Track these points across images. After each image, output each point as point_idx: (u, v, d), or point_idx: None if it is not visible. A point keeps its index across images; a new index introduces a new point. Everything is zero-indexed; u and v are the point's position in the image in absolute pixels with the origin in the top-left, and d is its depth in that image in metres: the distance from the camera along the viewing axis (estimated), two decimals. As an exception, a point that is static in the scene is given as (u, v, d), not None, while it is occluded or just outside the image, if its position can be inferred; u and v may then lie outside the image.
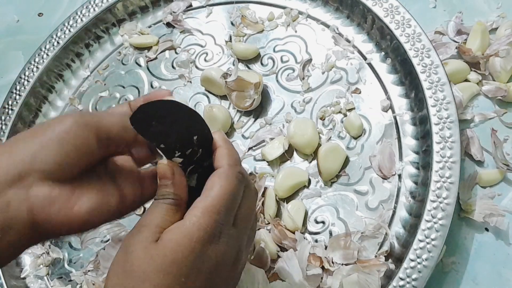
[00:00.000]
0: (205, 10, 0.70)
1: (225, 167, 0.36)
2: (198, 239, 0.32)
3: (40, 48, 0.70)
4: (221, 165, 0.36)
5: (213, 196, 0.34)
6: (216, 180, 0.35)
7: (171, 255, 0.32)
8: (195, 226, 0.33)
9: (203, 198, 0.34)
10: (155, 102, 0.35)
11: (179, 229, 0.33)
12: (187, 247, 0.32)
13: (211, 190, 0.34)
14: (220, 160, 0.36)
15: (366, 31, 0.61)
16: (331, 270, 0.51)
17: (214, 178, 0.35)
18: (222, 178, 0.35)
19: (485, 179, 0.53)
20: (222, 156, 0.37)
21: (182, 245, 0.32)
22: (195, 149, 0.37)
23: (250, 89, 0.59)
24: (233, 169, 0.36)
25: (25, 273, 0.61)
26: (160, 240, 0.33)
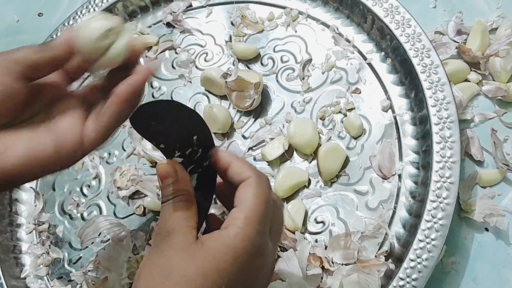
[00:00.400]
0: (205, 10, 0.70)
1: (254, 176, 0.35)
2: (243, 250, 0.32)
3: (40, 48, 0.70)
4: (248, 175, 0.35)
5: (252, 206, 0.34)
6: (250, 190, 0.35)
7: (213, 261, 0.32)
8: (239, 236, 0.32)
9: (241, 208, 0.34)
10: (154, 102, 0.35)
11: (222, 239, 0.33)
12: (231, 257, 0.32)
13: (247, 200, 0.34)
14: (244, 171, 0.36)
15: (366, 31, 0.61)
16: (331, 270, 0.51)
17: (248, 188, 0.35)
18: (256, 187, 0.35)
19: (485, 179, 0.53)
20: (243, 167, 0.36)
21: (226, 254, 0.32)
22: (195, 149, 0.37)
23: (250, 89, 0.59)
24: (262, 177, 0.36)
25: (25, 273, 0.61)
26: (201, 245, 0.32)
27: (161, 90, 0.67)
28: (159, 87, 0.67)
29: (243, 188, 0.35)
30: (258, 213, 0.34)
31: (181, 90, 0.66)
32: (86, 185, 0.64)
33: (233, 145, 0.61)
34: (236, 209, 0.34)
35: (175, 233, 0.33)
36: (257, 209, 0.34)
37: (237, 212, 0.34)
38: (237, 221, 0.33)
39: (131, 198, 0.61)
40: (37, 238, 0.63)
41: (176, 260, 0.32)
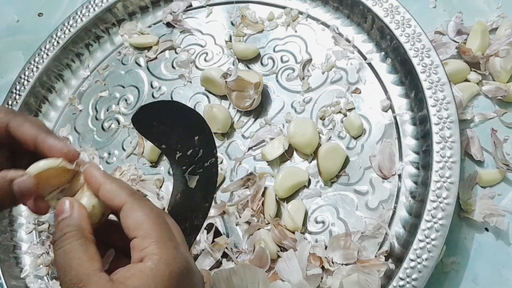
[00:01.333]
0: (205, 10, 0.70)
1: (129, 200, 0.32)
2: (169, 276, 0.30)
3: (40, 48, 0.70)
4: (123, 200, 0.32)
5: (153, 228, 0.31)
6: (137, 214, 0.32)
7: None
8: (161, 262, 0.30)
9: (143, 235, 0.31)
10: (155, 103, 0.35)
11: (142, 272, 0.30)
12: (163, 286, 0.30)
13: (143, 225, 0.31)
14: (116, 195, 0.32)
15: (366, 31, 0.61)
16: (331, 270, 0.51)
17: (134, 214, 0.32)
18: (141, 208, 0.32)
19: (485, 179, 0.53)
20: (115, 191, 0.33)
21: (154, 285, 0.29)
22: (196, 149, 0.37)
23: (250, 89, 0.59)
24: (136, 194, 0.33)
25: (25, 273, 0.61)
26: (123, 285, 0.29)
27: (161, 90, 0.67)
28: (159, 87, 0.67)
29: (128, 215, 0.32)
30: (163, 232, 0.31)
31: (181, 90, 0.66)
32: (86, 185, 0.64)
33: (233, 145, 0.61)
34: (139, 239, 0.31)
35: (85, 283, 0.29)
36: (159, 229, 0.31)
37: (142, 241, 0.31)
38: (148, 249, 0.31)
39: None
40: (37, 238, 0.63)
41: None
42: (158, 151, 0.62)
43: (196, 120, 0.36)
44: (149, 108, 0.34)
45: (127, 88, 0.69)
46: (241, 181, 0.57)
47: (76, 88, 0.71)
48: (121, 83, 0.69)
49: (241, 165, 0.60)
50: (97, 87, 0.70)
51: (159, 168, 0.62)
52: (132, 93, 0.68)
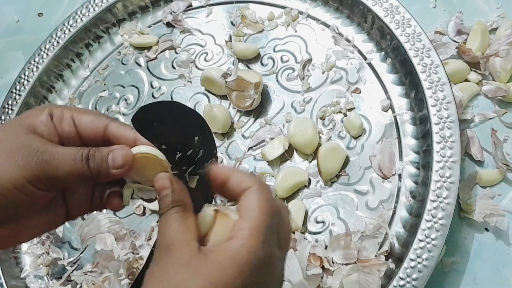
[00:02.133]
0: (205, 10, 0.70)
1: (256, 185, 0.34)
2: (247, 262, 0.31)
3: (40, 48, 0.70)
4: (250, 184, 0.34)
5: (256, 216, 0.33)
6: (253, 199, 0.33)
7: (218, 275, 0.30)
8: (244, 248, 0.31)
9: (246, 218, 0.33)
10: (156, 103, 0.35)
11: (226, 251, 0.31)
12: (236, 270, 0.31)
13: (252, 210, 0.33)
14: (245, 181, 0.35)
15: (366, 31, 0.61)
16: (331, 270, 0.51)
17: (251, 197, 0.34)
18: (259, 196, 0.34)
19: (485, 179, 0.53)
20: (244, 177, 0.35)
21: (230, 267, 0.31)
22: (196, 149, 0.37)
23: (250, 89, 0.59)
24: (265, 186, 0.35)
25: (25, 273, 0.61)
26: (204, 258, 0.31)
27: (161, 90, 0.67)
28: (159, 87, 0.67)
29: (246, 197, 0.34)
30: (263, 223, 0.32)
31: (181, 90, 0.66)
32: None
33: (233, 145, 0.61)
34: (241, 219, 0.33)
35: (174, 248, 0.32)
36: (262, 219, 0.33)
37: (242, 223, 0.33)
38: (242, 232, 0.32)
39: (131, 198, 0.61)
40: (37, 238, 0.63)
41: (180, 276, 0.31)
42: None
43: (196, 120, 0.36)
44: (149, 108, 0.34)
45: (127, 88, 0.69)
46: (241, 181, 0.57)
47: (76, 88, 0.71)
48: (121, 83, 0.69)
49: (241, 165, 0.60)
50: (97, 87, 0.70)
51: (159, 168, 0.62)
52: (132, 93, 0.68)
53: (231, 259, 0.31)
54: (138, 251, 0.57)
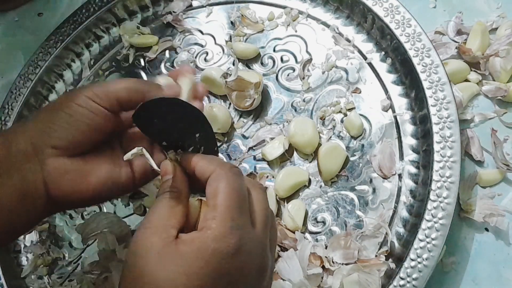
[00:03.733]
0: (205, 10, 0.70)
1: (217, 169, 0.34)
2: (214, 251, 0.31)
3: (40, 48, 0.70)
4: (211, 169, 0.34)
5: (221, 202, 0.32)
6: (215, 184, 0.33)
7: (184, 266, 0.30)
8: (210, 237, 0.31)
9: (211, 207, 0.32)
10: (157, 100, 0.35)
11: (193, 242, 0.31)
12: (201, 260, 0.31)
13: (215, 196, 0.33)
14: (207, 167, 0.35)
15: (366, 30, 0.61)
16: (332, 269, 0.51)
17: (213, 183, 0.33)
18: (220, 180, 0.33)
19: (485, 179, 0.53)
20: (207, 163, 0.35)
21: (196, 258, 0.31)
22: (197, 146, 0.37)
23: (250, 89, 0.59)
24: (225, 166, 0.34)
25: (25, 273, 0.61)
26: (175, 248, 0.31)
27: (161, 90, 0.67)
28: (159, 87, 0.67)
29: (209, 185, 0.33)
30: (228, 208, 0.32)
31: (181, 90, 0.66)
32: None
33: (233, 145, 0.61)
34: (208, 208, 0.33)
35: (152, 230, 0.32)
36: (226, 204, 0.32)
37: (209, 212, 0.32)
38: (209, 222, 0.32)
39: (131, 198, 0.61)
40: (37, 238, 0.63)
41: (149, 264, 0.31)
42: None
43: (197, 117, 0.36)
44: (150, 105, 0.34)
45: (127, 88, 0.69)
46: (241, 181, 0.57)
47: (76, 88, 0.71)
48: (121, 83, 0.69)
49: (241, 165, 0.60)
50: (97, 87, 0.70)
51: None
52: (132, 93, 0.68)
53: (198, 249, 0.31)
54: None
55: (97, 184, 0.38)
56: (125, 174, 0.40)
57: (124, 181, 0.40)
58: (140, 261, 0.31)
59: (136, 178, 0.41)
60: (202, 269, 0.30)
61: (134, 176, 0.40)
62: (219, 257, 0.31)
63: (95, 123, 0.37)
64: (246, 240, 0.32)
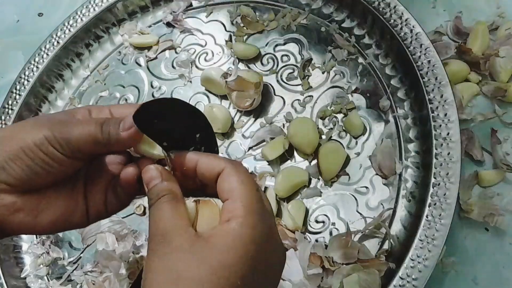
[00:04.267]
0: (205, 10, 0.70)
1: (229, 165, 0.34)
2: (251, 240, 0.31)
3: (40, 48, 0.70)
4: (222, 165, 0.34)
5: (244, 193, 0.32)
6: (233, 179, 0.33)
7: (222, 258, 0.30)
8: (244, 226, 0.31)
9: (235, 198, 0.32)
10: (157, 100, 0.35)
11: (226, 233, 0.31)
12: (240, 250, 0.30)
13: (237, 189, 0.32)
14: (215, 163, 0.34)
15: (366, 30, 0.61)
16: (332, 269, 0.51)
17: (230, 178, 0.33)
18: (238, 174, 0.33)
19: (485, 179, 0.53)
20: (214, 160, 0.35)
21: (234, 248, 0.30)
22: (197, 146, 0.37)
23: (250, 88, 0.59)
24: (237, 163, 0.34)
25: (25, 273, 0.61)
26: (205, 243, 0.31)
27: (161, 90, 0.67)
28: (159, 86, 0.67)
29: (224, 179, 0.33)
30: (253, 198, 0.32)
31: (181, 90, 0.66)
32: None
33: (233, 145, 0.61)
34: (229, 201, 0.32)
35: (171, 235, 0.31)
36: (250, 194, 0.32)
37: (232, 203, 0.32)
38: (236, 211, 0.31)
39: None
40: (37, 238, 0.63)
41: (181, 263, 0.30)
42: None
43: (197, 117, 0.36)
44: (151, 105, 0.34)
45: (127, 88, 0.69)
46: (241, 181, 0.57)
47: (76, 88, 0.71)
48: (121, 83, 0.69)
49: (241, 165, 0.60)
50: (97, 87, 0.70)
51: (159, 168, 0.62)
52: (132, 92, 0.68)
53: (233, 239, 0.30)
54: (139, 251, 0.57)
55: (49, 223, 0.37)
56: (80, 212, 0.38)
57: (78, 219, 0.38)
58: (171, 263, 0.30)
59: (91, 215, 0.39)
60: (241, 257, 0.30)
61: (89, 213, 0.39)
62: (255, 245, 0.31)
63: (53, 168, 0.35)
64: (273, 228, 0.33)
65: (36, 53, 0.70)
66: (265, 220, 0.32)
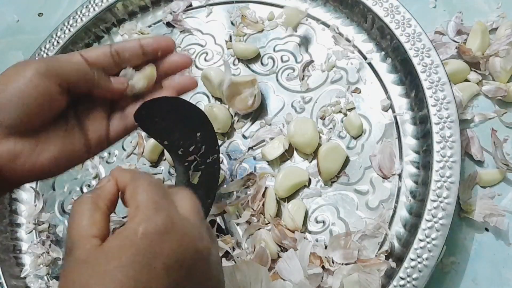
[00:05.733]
0: (205, 10, 0.70)
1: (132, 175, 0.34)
2: (142, 234, 0.29)
3: (40, 48, 0.70)
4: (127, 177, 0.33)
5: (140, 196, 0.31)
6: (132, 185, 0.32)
7: (115, 260, 0.28)
8: (135, 223, 0.30)
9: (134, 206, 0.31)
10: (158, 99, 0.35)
11: (118, 234, 0.30)
12: (132, 247, 0.29)
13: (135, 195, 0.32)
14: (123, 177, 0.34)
15: (366, 30, 0.61)
16: (332, 269, 0.51)
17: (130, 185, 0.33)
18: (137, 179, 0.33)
19: (485, 179, 0.53)
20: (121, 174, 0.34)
21: (125, 247, 0.29)
22: (198, 145, 0.37)
23: (247, 88, 0.58)
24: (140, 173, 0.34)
25: (25, 273, 0.61)
26: (101, 250, 0.29)
27: (161, 90, 0.67)
28: (159, 87, 0.67)
29: (127, 189, 0.33)
30: (149, 196, 0.31)
31: (181, 90, 0.66)
32: (86, 184, 0.64)
33: (233, 144, 0.61)
34: (130, 208, 0.32)
35: (74, 248, 0.30)
36: (147, 195, 0.31)
37: (132, 210, 0.31)
38: (131, 214, 0.31)
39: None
40: (37, 238, 0.63)
41: (82, 275, 0.28)
42: (158, 151, 0.62)
43: (198, 116, 0.36)
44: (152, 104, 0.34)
45: (127, 88, 0.69)
46: (242, 181, 0.57)
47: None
48: (121, 83, 0.69)
49: (241, 165, 0.60)
50: (97, 87, 0.70)
51: (159, 168, 0.62)
52: (132, 93, 0.68)
53: (125, 238, 0.29)
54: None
55: (50, 162, 0.37)
56: (79, 144, 0.39)
57: (78, 152, 0.39)
58: (70, 278, 0.29)
59: (92, 145, 0.40)
60: (135, 256, 0.28)
61: (89, 144, 0.39)
62: (149, 238, 0.29)
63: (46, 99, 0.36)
64: (175, 220, 0.31)
65: (36, 53, 0.70)
66: (159, 213, 0.30)
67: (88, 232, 0.31)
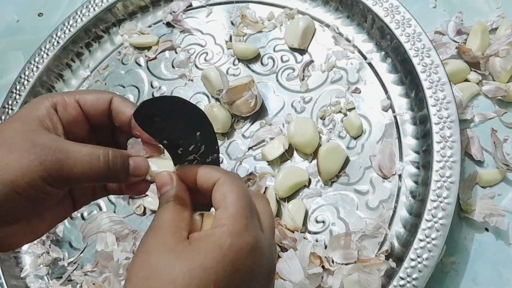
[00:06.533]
0: (205, 10, 0.70)
1: (223, 176, 0.34)
2: (231, 246, 0.31)
3: (40, 48, 0.70)
4: (217, 176, 0.34)
5: (233, 202, 0.33)
6: (224, 188, 0.34)
7: (199, 260, 0.30)
8: (226, 233, 0.31)
9: (224, 208, 0.33)
10: (157, 98, 0.35)
11: (209, 237, 0.31)
12: (218, 254, 0.30)
13: (226, 198, 0.33)
14: (211, 174, 0.35)
15: (366, 30, 0.61)
16: (332, 269, 0.51)
17: (222, 187, 0.34)
18: (229, 184, 0.34)
19: (485, 179, 0.53)
20: (210, 171, 0.35)
21: (213, 252, 0.30)
22: (198, 145, 0.37)
23: (246, 90, 0.58)
24: (232, 174, 0.35)
25: (25, 273, 0.61)
26: (188, 244, 0.31)
27: (161, 90, 0.67)
28: (159, 86, 0.67)
29: (217, 189, 0.34)
30: (242, 207, 0.33)
31: (181, 90, 0.66)
32: (86, 185, 0.64)
33: (233, 144, 0.61)
34: (219, 210, 0.33)
35: (163, 231, 0.32)
36: (239, 204, 0.33)
37: (221, 212, 0.33)
38: (223, 220, 0.32)
39: (131, 198, 0.61)
40: (37, 238, 0.63)
41: (162, 260, 0.31)
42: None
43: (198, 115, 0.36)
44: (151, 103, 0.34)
45: (127, 88, 0.69)
46: (241, 181, 0.57)
47: (76, 88, 0.71)
48: (121, 83, 0.69)
49: (242, 165, 0.60)
50: (97, 87, 0.70)
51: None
52: (132, 92, 0.68)
53: (213, 243, 0.31)
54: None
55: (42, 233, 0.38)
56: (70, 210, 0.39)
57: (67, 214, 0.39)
58: (153, 259, 0.31)
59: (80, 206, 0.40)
60: (218, 262, 0.30)
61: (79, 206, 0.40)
62: (235, 252, 0.31)
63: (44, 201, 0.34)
64: (260, 241, 0.33)
65: (36, 53, 0.70)
66: (250, 231, 0.32)
67: (178, 224, 0.33)
